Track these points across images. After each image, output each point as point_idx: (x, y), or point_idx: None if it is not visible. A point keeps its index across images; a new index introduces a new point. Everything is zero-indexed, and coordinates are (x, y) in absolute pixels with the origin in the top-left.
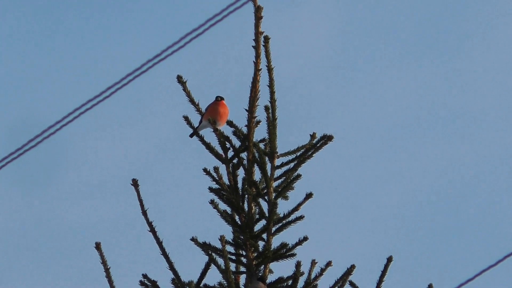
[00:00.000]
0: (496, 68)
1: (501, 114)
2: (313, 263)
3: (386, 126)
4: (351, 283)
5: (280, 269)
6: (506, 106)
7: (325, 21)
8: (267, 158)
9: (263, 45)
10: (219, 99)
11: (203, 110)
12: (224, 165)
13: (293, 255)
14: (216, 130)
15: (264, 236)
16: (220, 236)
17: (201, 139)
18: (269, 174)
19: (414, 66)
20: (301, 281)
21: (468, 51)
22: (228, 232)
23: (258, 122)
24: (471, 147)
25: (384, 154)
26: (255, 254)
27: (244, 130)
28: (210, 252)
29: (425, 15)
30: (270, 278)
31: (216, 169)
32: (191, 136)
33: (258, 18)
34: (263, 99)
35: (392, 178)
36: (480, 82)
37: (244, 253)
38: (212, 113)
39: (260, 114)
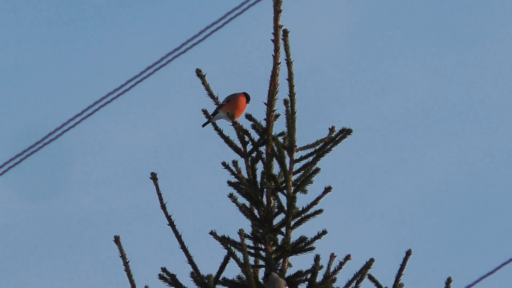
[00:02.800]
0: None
1: None
2: (332, 256)
3: (405, 118)
4: (370, 277)
5: (299, 262)
6: None
7: (343, 13)
8: (286, 152)
9: (282, 39)
10: (242, 96)
11: (222, 101)
12: (243, 158)
13: (312, 248)
14: (235, 124)
15: (283, 229)
16: (239, 230)
17: (220, 132)
18: (288, 168)
19: (433, 58)
20: (320, 274)
21: (484, 44)
22: (247, 226)
23: (277, 115)
24: (489, 139)
25: (403, 146)
26: (274, 248)
27: (263, 123)
28: (229, 246)
29: (441, 7)
30: (289, 272)
31: (235, 162)
32: (203, 125)
33: (277, 11)
34: (282, 92)
35: (412, 170)
36: (495, 76)
37: (263, 246)
38: (232, 107)
39: (279, 107)
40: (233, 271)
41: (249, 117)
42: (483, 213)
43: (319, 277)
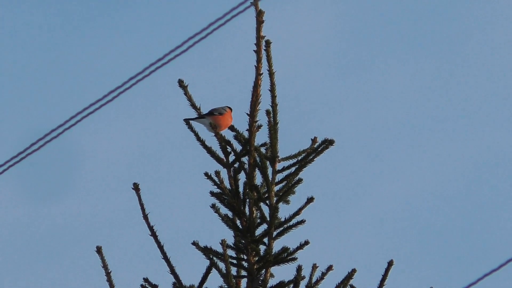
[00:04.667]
0: (500, 63)
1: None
2: (314, 267)
3: (387, 127)
4: (352, 287)
5: (281, 273)
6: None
7: (325, 20)
8: (268, 163)
9: (265, 49)
10: (230, 113)
11: (209, 110)
12: (225, 169)
13: (294, 259)
14: (217, 134)
15: (265, 240)
16: (221, 240)
17: (202, 143)
18: (270, 178)
19: (414, 62)
20: (302, 285)
21: (470, 46)
22: (229, 236)
23: (260, 126)
24: (472, 145)
25: (386, 155)
26: (256, 258)
27: (246, 134)
28: (211, 256)
29: (425, 9)
30: (271, 282)
31: (217, 173)
32: (185, 120)
33: (259, 22)
34: (265, 103)
35: (394, 180)
36: (483, 77)
37: (245, 257)
38: (218, 121)
39: (262, 118)
40: (215, 282)
41: (231, 127)
42: (465, 223)
43: None
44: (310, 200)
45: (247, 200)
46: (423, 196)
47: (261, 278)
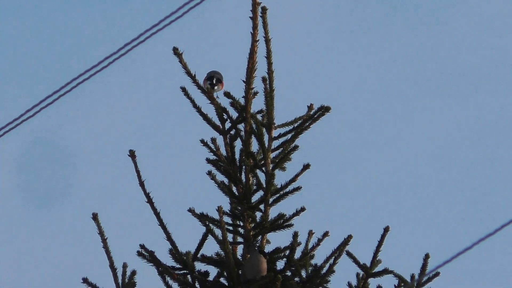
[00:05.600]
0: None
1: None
2: (310, 233)
3: (384, 92)
4: (348, 253)
5: (277, 239)
6: None
7: None
8: (264, 130)
9: (261, 16)
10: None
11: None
12: (221, 136)
13: (290, 225)
14: (213, 101)
15: (262, 207)
16: (218, 207)
17: (199, 110)
18: (266, 145)
19: (413, 25)
20: (298, 251)
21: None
22: (225, 203)
23: (256, 93)
24: (469, 108)
25: (381, 121)
26: (253, 225)
27: (242, 101)
28: (207, 223)
29: None
30: (268, 249)
31: (213, 140)
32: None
33: None
34: (261, 70)
35: (390, 146)
36: (481, 37)
37: (241, 224)
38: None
39: (258, 85)
40: (211, 248)
41: (227, 94)
42: (460, 188)
43: (297, 254)
44: (306, 166)
45: (243, 167)
46: (419, 160)
47: (257, 245)
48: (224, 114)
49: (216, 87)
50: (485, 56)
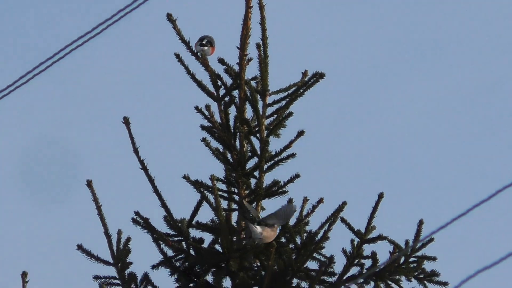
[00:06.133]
0: None
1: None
2: (305, 200)
3: (378, 58)
4: (343, 220)
5: (272, 206)
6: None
7: None
8: (258, 96)
9: None
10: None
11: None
12: (216, 103)
13: (285, 192)
14: (207, 67)
15: (256, 173)
16: (211, 175)
17: (193, 76)
18: (260, 112)
19: None
20: (293, 218)
21: None
22: (220, 170)
23: (250, 60)
24: (461, 72)
25: (375, 87)
26: (247, 192)
27: (236, 68)
28: (202, 190)
29: None
30: (262, 215)
31: (207, 107)
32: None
33: None
34: (255, 36)
35: (384, 112)
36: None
37: (236, 190)
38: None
39: (252, 51)
40: (206, 215)
41: (221, 61)
42: (454, 154)
43: (292, 220)
44: (300, 133)
45: (238, 133)
46: (413, 126)
47: (250, 215)
48: (218, 80)
49: (206, 48)
50: (479, 19)
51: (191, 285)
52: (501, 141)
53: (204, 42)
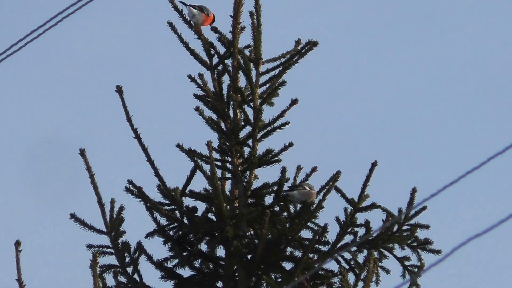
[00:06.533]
0: None
1: None
2: (298, 168)
3: (370, 26)
4: (336, 188)
5: (265, 175)
6: None
7: None
8: (252, 65)
9: None
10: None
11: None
12: (209, 71)
13: (279, 161)
14: (200, 35)
15: (250, 142)
16: (207, 142)
17: (186, 45)
18: (254, 80)
19: None
20: (286, 186)
21: None
22: (213, 139)
23: (243, 28)
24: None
25: (367, 55)
26: (241, 160)
27: (229, 36)
28: (195, 159)
29: None
30: (256, 184)
31: (201, 75)
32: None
33: None
34: (248, 4)
35: (377, 79)
36: None
37: (229, 159)
38: (206, 22)
39: (245, 20)
40: (199, 184)
41: (214, 29)
42: (446, 122)
43: (285, 189)
44: (294, 102)
45: (231, 102)
46: (406, 94)
47: (245, 180)
48: (211, 49)
49: (195, 11)
50: None
51: (184, 253)
52: (493, 110)
53: (196, 7)
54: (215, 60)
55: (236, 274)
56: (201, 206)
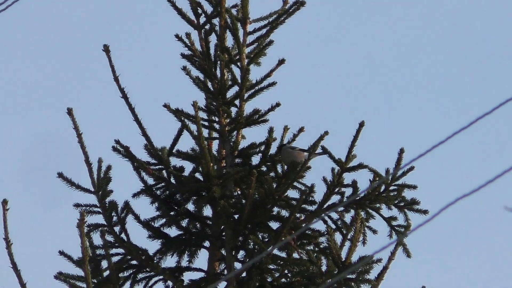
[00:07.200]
0: None
1: None
2: (286, 129)
3: None
4: (324, 149)
5: (252, 135)
6: None
7: None
8: (239, 24)
9: None
10: None
11: None
12: (196, 31)
13: (266, 121)
14: None
15: (237, 102)
16: (193, 102)
17: (173, 4)
18: (241, 40)
19: None
20: (274, 146)
21: None
22: (200, 98)
23: None
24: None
25: (356, 12)
26: (228, 120)
27: None
28: (182, 119)
29: None
30: (243, 144)
31: (188, 35)
32: None
33: None
34: None
35: (364, 38)
36: None
37: (216, 119)
38: None
39: None
40: (187, 144)
41: None
42: (433, 81)
43: (272, 149)
44: (281, 62)
45: (218, 62)
46: (392, 53)
47: (232, 140)
48: (198, 8)
49: None
50: None
51: (171, 213)
52: (482, 70)
53: None
54: (202, 19)
55: (223, 233)
56: (188, 166)
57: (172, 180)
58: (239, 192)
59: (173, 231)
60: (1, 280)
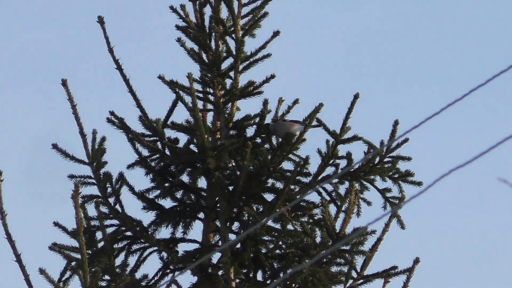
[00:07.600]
0: None
1: None
2: (280, 101)
3: None
4: (318, 121)
5: (247, 106)
6: None
7: None
8: None
9: None
10: None
11: None
12: (190, 2)
13: (260, 92)
14: None
15: (232, 74)
16: (188, 74)
17: None
18: (236, 12)
19: None
20: (268, 118)
21: None
22: (195, 70)
23: None
24: None
25: None
26: (223, 92)
27: None
28: (177, 90)
29: None
30: (237, 116)
31: (182, 6)
32: None
33: None
34: None
35: (358, 7)
36: None
37: (211, 91)
38: None
39: None
40: (181, 115)
41: None
42: (428, 51)
43: (267, 121)
44: (276, 33)
45: (213, 34)
46: (387, 24)
47: (227, 112)
48: None
49: None
50: None
51: (166, 184)
52: (476, 41)
53: None
54: None
55: (218, 205)
56: (182, 138)
57: (167, 152)
58: (233, 164)
59: (167, 203)
60: None
